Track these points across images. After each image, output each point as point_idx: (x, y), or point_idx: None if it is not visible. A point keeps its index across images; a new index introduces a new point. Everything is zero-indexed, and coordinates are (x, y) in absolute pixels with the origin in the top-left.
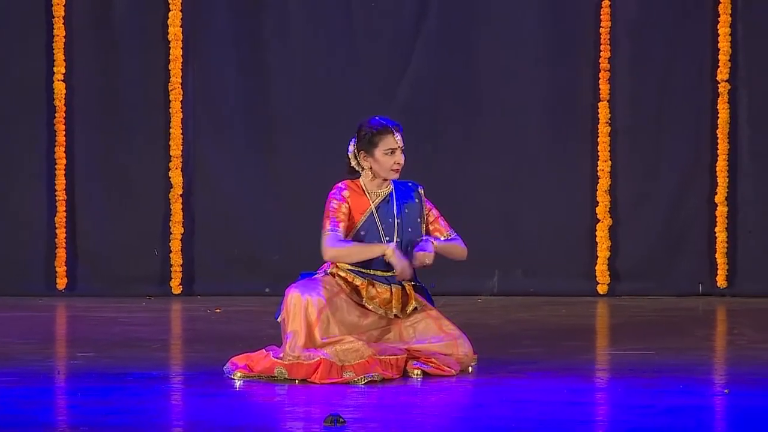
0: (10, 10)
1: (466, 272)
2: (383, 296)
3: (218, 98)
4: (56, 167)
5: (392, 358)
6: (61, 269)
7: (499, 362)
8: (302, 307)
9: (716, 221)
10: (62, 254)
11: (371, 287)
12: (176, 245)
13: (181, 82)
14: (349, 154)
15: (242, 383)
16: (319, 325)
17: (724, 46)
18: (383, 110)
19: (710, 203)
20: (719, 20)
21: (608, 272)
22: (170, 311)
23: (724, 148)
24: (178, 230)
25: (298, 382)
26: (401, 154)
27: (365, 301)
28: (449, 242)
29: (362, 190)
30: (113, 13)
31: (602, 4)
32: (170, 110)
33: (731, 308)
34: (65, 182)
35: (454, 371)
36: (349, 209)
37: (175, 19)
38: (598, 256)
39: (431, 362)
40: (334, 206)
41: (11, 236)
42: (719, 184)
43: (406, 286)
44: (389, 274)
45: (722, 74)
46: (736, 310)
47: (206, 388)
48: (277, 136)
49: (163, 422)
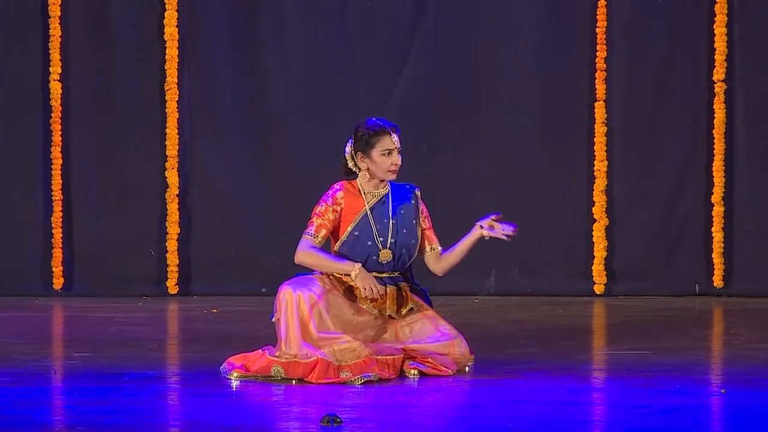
0: (6, 10)
1: (463, 272)
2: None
3: (214, 98)
4: (52, 167)
5: (389, 358)
6: (57, 269)
7: (496, 362)
8: (294, 302)
9: (713, 221)
10: (59, 254)
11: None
12: (172, 245)
13: (177, 82)
14: (346, 154)
15: (239, 383)
16: (312, 320)
17: (720, 46)
18: (380, 110)
19: (707, 203)
20: (715, 20)
21: (605, 272)
22: (167, 311)
23: (720, 148)
24: (174, 230)
25: (294, 382)
26: (398, 155)
27: (359, 301)
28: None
29: (358, 190)
30: (109, 12)
31: (598, 4)
32: (166, 110)
33: (728, 308)
34: (61, 182)
35: (450, 371)
36: (339, 213)
37: (171, 18)
38: (594, 256)
39: (428, 362)
40: (320, 210)
41: (8, 236)
42: (716, 184)
43: (402, 286)
44: (384, 275)
45: (719, 74)
46: (732, 310)
47: (203, 388)
48: (273, 136)
49: (159, 422)
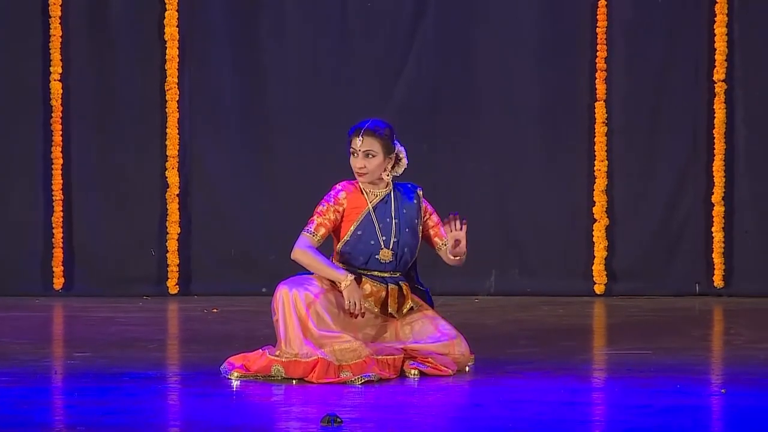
0: (6, 10)
1: (463, 272)
2: (379, 295)
3: (214, 98)
4: (53, 167)
5: (389, 357)
6: (57, 269)
7: (496, 362)
8: (291, 301)
9: (713, 221)
10: (59, 254)
11: (367, 285)
12: (173, 245)
13: (177, 81)
14: None
15: (239, 383)
16: (310, 319)
17: (720, 45)
18: (380, 110)
19: (707, 203)
20: (716, 20)
21: (605, 272)
22: (167, 311)
23: (720, 147)
24: (174, 230)
25: (295, 382)
26: (360, 158)
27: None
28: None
29: (360, 190)
30: (109, 12)
31: (598, 4)
32: (167, 110)
33: (728, 308)
34: (62, 182)
35: (451, 371)
36: (341, 213)
37: (171, 18)
38: (595, 256)
39: (428, 362)
40: (321, 209)
41: (8, 236)
42: (716, 184)
43: (403, 286)
44: (387, 273)
45: (719, 74)
46: (732, 310)
47: (203, 388)
48: (273, 135)
49: (159, 422)
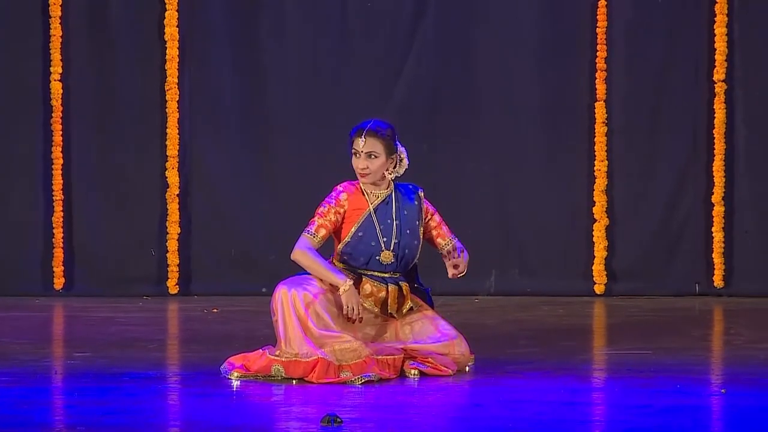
0: (6, 10)
1: None
2: (379, 295)
3: (214, 98)
4: (53, 167)
5: (389, 357)
6: (58, 269)
7: (496, 362)
8: (289, 301)
9: (713, 221)
10: (59, 254)
11: (367, 285)
12: (173, 245)
13: (177, 82)
14: None
15: (239, 383)
16: (310, 318)
17: (720, 46)
18: (380, 110)
19: (707, 203)
20: (716, 20)
21: (605, 272)
22: (167, 311)
23: (720, 148)
24: (174, 230)
25: (295, 382)
26: (362, 159)
27: (361, 299)
28: (464, 257)
29: (362, 191)
30: (109, 12)
31: (598, 4)
32: (167, 110)
33: (728, 308)
34: (62, 182)
35: (451, 371)
36: (342, 214)
37: (171, 18)
38: (595, 256)
39: (428, 362)
40: (323, 210)
41: (8, 236)
42: (716, 184)
43: (403, 286)
44: (387, 274)
45: (719, 74)
46: (732, 310)
47: (203, 388)
48: (273, 136)
49: (159, 422)
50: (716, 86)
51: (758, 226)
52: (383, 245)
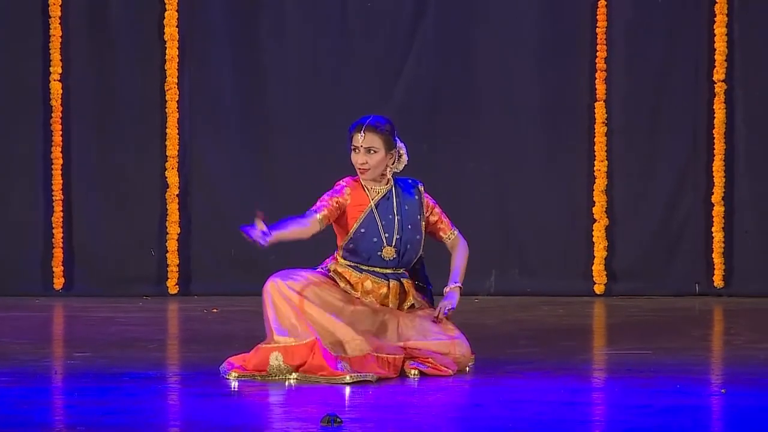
0: (6, 10)
1: None
2: (379, 291)
3: (214, 98)
4: (53, 167)
5: (390, 357)
6: (58, 269)
7: (496, 362)
8: (277, 290)
9: (713, 221)
10: (59, 254)
11: (367, 282)
12: (173, 245)
13: (177, 82)
14: None
15: (237, 383)
16: (306, 299)
17: (720, 46)
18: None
19: (707, 203)
20: (715, 20)
21: (605, 272)
22: (167, 311)
23: (720, 148)
24: (174, 230)
25: (293, 380)
26: (362, 154)
27: (360, 295)
28: (460, 265)
29: (362, 187)
30: (109, 12)
31: (598, 4)
32: (166, 110)
33: (728, 308)
34: (62, 182)
35: (451, 371)
36: (344, 205)
37: (171, 19)
38: (594, 256)
39: (428, 362)
40: (326, 196)
41: (8, 236)
42: (716, 184)
43: (405, 282)
44: (389, 270)
45: (719, 74)
46: (732, 310)
47: (203, 388)
48: (273, 136)
49: (159, 422)
50: (716, 86)
51: (758, 226)
52: (385, 241)
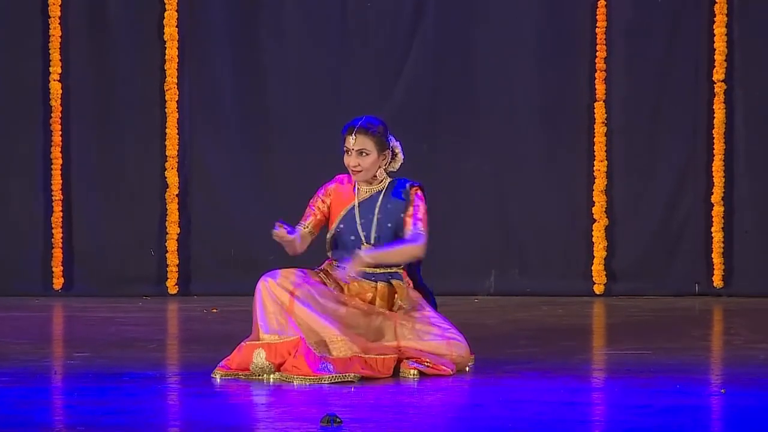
0: (6, 10)
1: (462, 272)
2: (364, 295)
3: (214, 98)
4: (52, 167)
5: (379, 357)
6: (57, 269)
7: (495, 362)
8: (267, 288)
9: (712, 221)
10: (59, 254)
11: (354, 284)
12: (172, 245)
13: (176, 82)
14: None
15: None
16: (297, 300)
17: (720, 46)
18: (380, 110)
19: (707, 203)
20: (715, 20)
21: (605, 272)
22: (166, 311)
23: (720, 148)
24: (174, 230)
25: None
26: (354, 156)
27: (347, 298)
28: (393, 246)
29: (354, 185)
30: (109, 12)
31: (598, 4)
32: (166, 110)
33: (728, 308)
34: (61, 182)
35: (450, 371)
36: (328, 204)
37: (170, 19)
38: (594, 256)
39: (426, 362)
40: (312, 202)
41: (7, 236)
42: (715, 184)
43: (395, 284)
44: (379, 271)
45: (718, 74)
46: (732, 310)
47: (203, 388)
48: (273, 135)
49: (159, 422)
50: (716, 86)
51: (758, 226)
52: (363, 239)
